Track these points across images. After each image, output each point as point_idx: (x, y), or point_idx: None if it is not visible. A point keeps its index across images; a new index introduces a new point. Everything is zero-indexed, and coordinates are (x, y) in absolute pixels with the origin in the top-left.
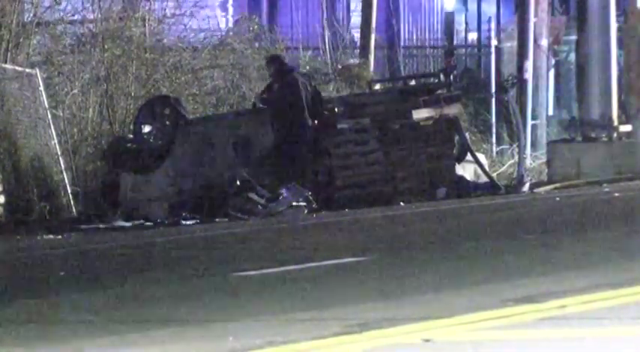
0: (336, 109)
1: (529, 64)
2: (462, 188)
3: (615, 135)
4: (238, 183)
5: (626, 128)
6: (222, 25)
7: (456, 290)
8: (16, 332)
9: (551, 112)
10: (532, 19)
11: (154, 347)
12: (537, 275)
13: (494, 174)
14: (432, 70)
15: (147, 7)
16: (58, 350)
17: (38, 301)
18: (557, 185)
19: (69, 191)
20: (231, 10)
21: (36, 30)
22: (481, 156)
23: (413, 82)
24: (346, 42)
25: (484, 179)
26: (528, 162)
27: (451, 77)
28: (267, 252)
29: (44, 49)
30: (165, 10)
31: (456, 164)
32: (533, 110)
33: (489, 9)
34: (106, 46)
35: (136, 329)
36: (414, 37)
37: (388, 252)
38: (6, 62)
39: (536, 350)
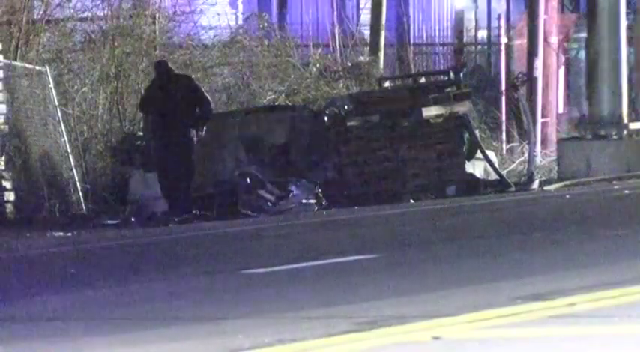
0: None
1: (539, 62)
2: (472, 185)
3: (625, 132)
4: (248, 180)
5: (636, 126)
6: (232, 23)
7: (465, 287)
8: (20, 329)
9: (560, 110)
10: (542, 17)
11: (162, 345)
12: (546, 273)
13: (504, 172)
14: (442, 68)
15: (157, 5)
16: (66, 348)
17: (45, 298)
18: (567, 182)
19: (79, 188)
20: (241, 7)
21: (46, 27)
22: (491, 154)
23: (423, 80)
24: (356, 39)
25: (494, 176)
26: (538, 159)
27: (461, 75)
28: (276, 249)
29: (54, 47)
30: (175, 7)
31: (466, 161)
32: (543, 108)
33: (499, 6)
34: (116, 44)
35: (144, 326)
36: (424, 35)
37: (397, 249)
38: (16, 60)
39: (545, 348)
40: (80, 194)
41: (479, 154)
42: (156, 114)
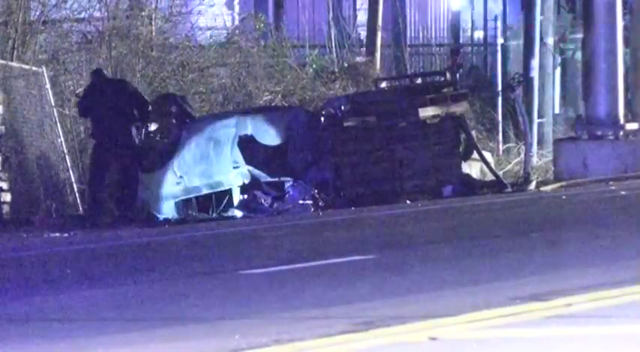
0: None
1: (535, 62)
2: (468, 186)
3: (621, 133)
4: (245, 181)
5: (633, 126)
6: (229, 24)
7: (462, 288)
8: (18, 330)
9: (557, 110)
10: (538, 17)
11: (159, 345)
12: (543, 273)
13: (500, 173)
14: (439, 68)
15: (153, 5)
16: (65, 348)
17: (43, 299)
18: (563, 183)
19: (75, 189)
20: (237, 8)
21: (42, 28)
22: (487, 155)
23: (419, 80)
24: (352, 40)
25: (490, 177)
26: (534, 160)
27: (457, 75)
28: (273, 250)
29: (51, 47)
30: (171, 8)
31: (462, 162)
32: (540, 108)
33: (495, 7)
34: (112, 44)
35: (142, 326)
36: (420, 35)
37: (394, 250)
38: (12, 60)
39: (543, 348)
40: (77, 195)
41: (475, 155)
42: (95, 119)
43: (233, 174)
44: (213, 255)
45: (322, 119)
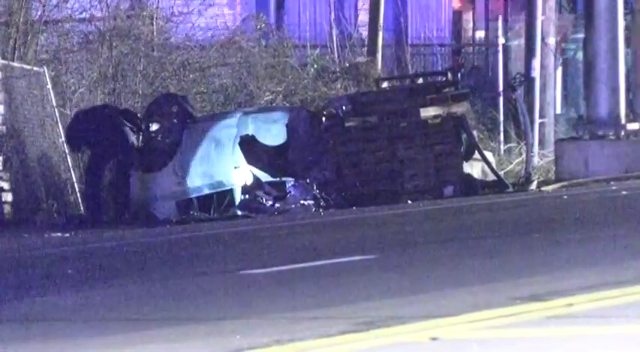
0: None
1: (537, 62)
2: (470, 186)
3: (623, 133)
4: (246, 181)
5: (634, 126)
6: (230, 23)
7: (463, 288)
8: (19, 330)
9: (558, 110)
10: (540, 17)
11: (160, 345)
12: (544, 274)
13: (501, 173)
14: (440, 69)
15: (155, 5)
16: (65, 348)
17: (44, 299)
18: (565, 183)
19: (76, 189)
20: (238, 8)
21: (44, 28)
22: (489, 155)
23: (420, 81)
24: (354, 40)
25: (492, 177)
26: (536, 160)
27: (459, 75)
28: (274, 250)
29: (52, 47)
30: (173, 8)
31: (464, 162)
32: (541, 108)
33: (497, 7)
34: (113, 44)
35: (142, 326)
36: (422, 35)
37: (395, 250)
38: (14, 60)
39: (543, 348)
40: (78, 195)
41: (476, 155)
42: (88, 144)
43: (234, 174)
44: (213, 255)
45: (323, 119)
